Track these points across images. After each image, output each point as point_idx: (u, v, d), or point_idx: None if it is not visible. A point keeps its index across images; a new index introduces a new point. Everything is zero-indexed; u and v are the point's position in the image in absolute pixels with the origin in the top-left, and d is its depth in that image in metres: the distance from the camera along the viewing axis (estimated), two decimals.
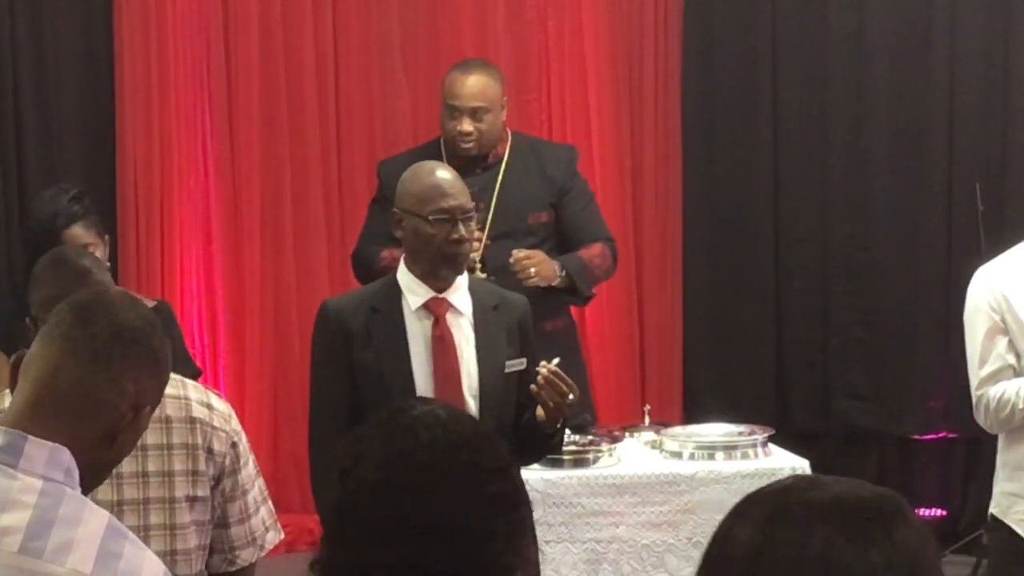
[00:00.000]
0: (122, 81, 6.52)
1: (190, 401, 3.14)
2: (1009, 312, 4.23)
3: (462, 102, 5.45)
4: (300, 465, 6.37)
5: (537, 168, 5.58)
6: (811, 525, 1.61)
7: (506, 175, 5.52)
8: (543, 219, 5.49)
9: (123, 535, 2.14)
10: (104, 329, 2.25)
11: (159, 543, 3.06)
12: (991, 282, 4.29)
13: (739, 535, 1.64)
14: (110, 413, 2.23)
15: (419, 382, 3.91)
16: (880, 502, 1.64)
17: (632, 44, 7.00)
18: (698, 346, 7.10)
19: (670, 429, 5.37)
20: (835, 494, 1.64)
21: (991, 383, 4.24)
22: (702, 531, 4.91)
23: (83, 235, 4.64)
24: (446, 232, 3.91)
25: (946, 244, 6.83)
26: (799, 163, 7.02)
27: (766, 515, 1.64)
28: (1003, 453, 4.35)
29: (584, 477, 4.93)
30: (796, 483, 1.69)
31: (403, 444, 2.13)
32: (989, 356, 4.25)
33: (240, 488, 3.17)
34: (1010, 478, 4.30)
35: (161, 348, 2.33)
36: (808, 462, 5.00)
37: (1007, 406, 4.21)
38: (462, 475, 2.11)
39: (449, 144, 5.49)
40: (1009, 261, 4.34)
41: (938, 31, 6.82)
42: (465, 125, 5.43)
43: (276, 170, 6.75)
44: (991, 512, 4.35)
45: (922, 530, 1.64)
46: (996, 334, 4.25)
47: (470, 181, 5.37)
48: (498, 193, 5.48)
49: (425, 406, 2.23)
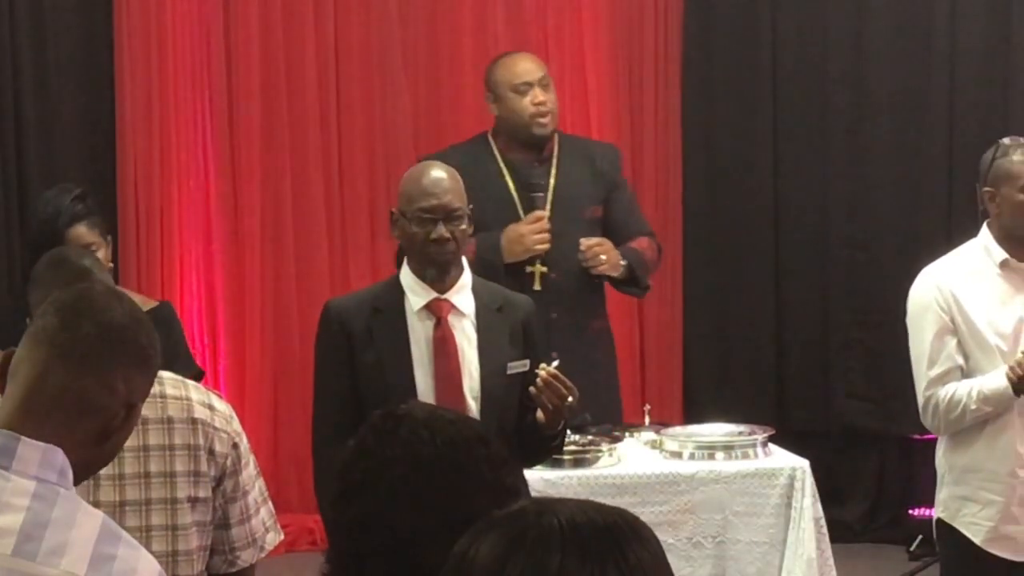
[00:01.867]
0: (122, 81, 6.52)
1: (192, 402, 3.14)
2: (959, 312, 4.22)
3: (530, 75, 5.54)
4: (300, 465, 6.38)
5: (588, 164, 5.64)
6: (546, 551, 1.60)
7: (560, 168, 5.57)
8: (597, 213, 5.55)
9: (117, 536, 2.13)
10: (90, 330, 2.22)
11: (161, 544, 3.06)
12: (939, 281, 4.28)
13: (476, 559, 1.63)
14: (103, 413, 2.22)
15: (420, 383, 3.91)
16: (612, 523, 1.65)
17: (632, 43, 7.00)
18: (698, 346, 7.10)
19: (670, 429, 5.37)
20: (568, 517, 1.64)
21: (940, 384, 4.24)
22: (702, 531, 4.92)
23: (86, 235, 4.64)
24: (426, 231, 3.90)
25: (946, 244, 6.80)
26: (799, 163, 7.02)
27: (503, 541, 1.63)
28: (948, 456, 4.34)
29: (584, 477, 4.93)
30: (528, 508, 1.68)
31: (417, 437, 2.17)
32: (939, 357, 4.25)
33: (241, 489, 3.17)
34: (957, 481, 4.29)
35: (149, 344, 2.30)
36: (808, 462, 5.00)
37: (958, 407, 4.20)
38: (481, 467, 2.16)
39: (523, 126, 5.52)
40: (956, 260, 4.34)
41: (938, 31, 6.82)
42: (540, 95, 5.50)
43: (276, 170, 6.76)
44: (938, 517, 4.34)
45: (656, 548, 1.66)
46: (945, 334, 4.24)
47: (530, 172, 5.43)
48: (553, 188, 5.52)
49: (424, 409, 2.27)
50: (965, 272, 4.28)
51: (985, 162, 4.35)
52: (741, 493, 4.94)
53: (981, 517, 4.24)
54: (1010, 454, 4.24)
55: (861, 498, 7.04)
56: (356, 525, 2.16)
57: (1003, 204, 4.29)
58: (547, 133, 5.54)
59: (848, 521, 6.89)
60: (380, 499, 2.15)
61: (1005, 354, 4.21)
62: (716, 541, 4.93)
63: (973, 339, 4.23)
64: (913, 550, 6.65)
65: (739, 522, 4.92)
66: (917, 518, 6.81)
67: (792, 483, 4.92)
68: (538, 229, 5.38)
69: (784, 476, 4.94)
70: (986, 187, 4.33)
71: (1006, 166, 4.29)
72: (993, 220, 4.34)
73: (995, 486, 4.24)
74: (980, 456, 4.26)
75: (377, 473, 2.16)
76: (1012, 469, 4.24)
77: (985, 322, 4.24)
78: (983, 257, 4.31)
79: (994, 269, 4.29)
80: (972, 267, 4.30)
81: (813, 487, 4.94)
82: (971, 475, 4.27)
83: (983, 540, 4.25)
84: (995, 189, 4.30)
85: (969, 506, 4.26)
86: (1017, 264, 4.29)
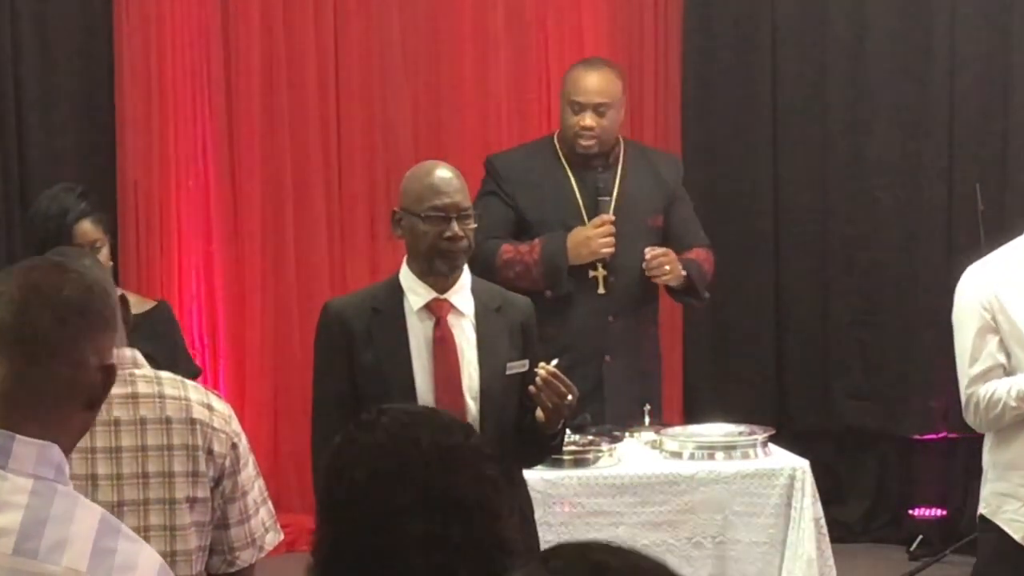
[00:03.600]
0: (122, 81, 6.52)
1: (190, 402, 3.13)
2: (1001, 311, 4.22)
3: (586, 97, 5.51)
4: (300, 465, 6.37)
5: (651, 173, 5.67)
6: None
7: (624, 177, 5.59)
8: (659, 222, 5.58)
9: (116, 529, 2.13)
10: (48, 320, 2.17)
11: (159, 544, 3.06)
12: (983, 280, 4.28)
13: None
14: (83, 389, 2.21)
15: (419, 383, 3.91)
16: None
17: (632, 44, 7.00)
18: (698, 346, 7.10)
19: (670, 429, 5.37)
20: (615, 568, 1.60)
21: (981, 382, 4.24)
22: (702, 531, 4.92)
23: (92, 231, 4.65)
24: (439, 230, 3.90)
25: (946, 244, 6.83)
26: (799, 163, 7.02)
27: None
28: (991, 453, 4.34)
29: (584, 477, 4.92)
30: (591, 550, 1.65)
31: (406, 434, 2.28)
32: (980, 355, 4.25)
33: (240, 489, 3.17)
34: (1000, 478, 4.29)
35: (105, 306, 2.26)
36: (808, 462, 5.00)
37: (998, 404, 4.20)
38: (469, 457, 2.25)
39: (568, 141, 5.55)
40: (1000, 259, 4.33)
41: (938, 31, 6.82)
42: (588, 120, 5.49)
43: (276, 170, 6.76)
44: (980, 512, 4.35)
45: None
46: (987, 333, 4.24)
47: (593, 176, 5.45)
48: (617, 194, 5.53)
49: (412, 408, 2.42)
50: (1007, 271, 4.28)
51: None
52: (741, 493, 4.93)
53: (1022, 514, 4.25)
54: None
55: (861, 498, 7.04)
56: (342, 504, 2.26)
57: None
58: (591, 152, 5.53)
59: (848, 521, 6.89)
60: (364, 477, 2.24)
61: None
62: (716, 541, 4.92)
63: (1015, 338, 4.22)
64: (913, 550, 6.65)
65: (739, 522, 4.92)
66: (917, 518, 6.81)
67: (792, 483, 4.92)
68: (604, 233, 5.40)
69: (784, 476, 4.94)
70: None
71: None
72: None
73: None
74: (1021, 453, 4.26)
75: (362, 454, 2.28)
76: None
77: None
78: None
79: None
80: (1013, 266, 4.29)
81: (813, 487, 4.94)
82: (1013, 472, 4.26)
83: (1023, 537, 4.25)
84: None
85: (1010, 503, 4.26)
86: None
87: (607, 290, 5.45)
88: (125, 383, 3.09)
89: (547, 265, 5.38)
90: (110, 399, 3.04)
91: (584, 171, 5.55)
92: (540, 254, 5.39)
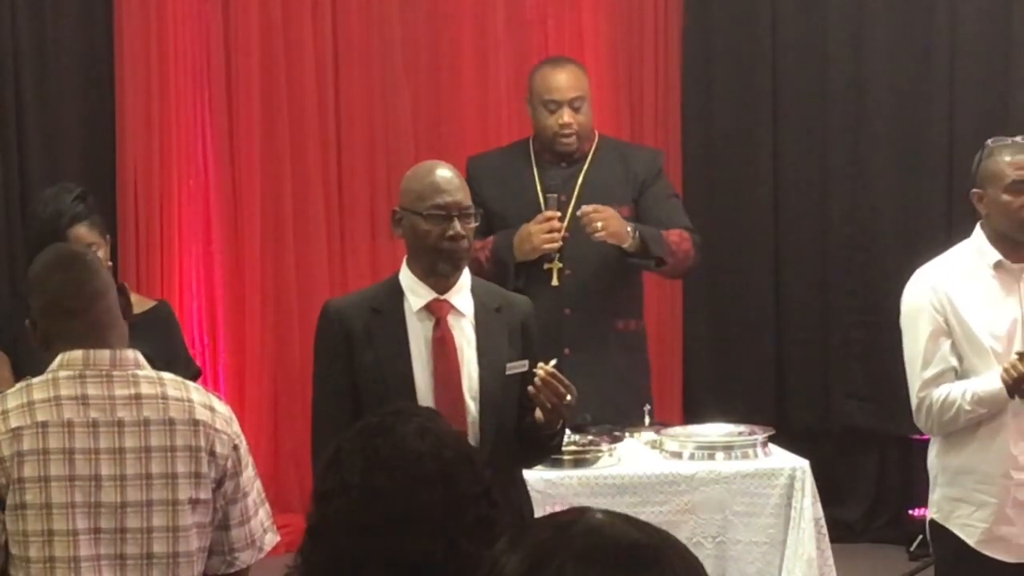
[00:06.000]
0: (122, 81, 6.52)
1: (193, 404, 3.14)
2: (953, 314, 4.22)
3: (561, 94, 5.53)
4: (300, 465, 6.38)
5: (621, 166, 5.65)
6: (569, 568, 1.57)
7: (589, 170, 5.60)
8: (624, 213, 5.53)
9: None
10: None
11: (162, 545, 3.06)
12: (934, 283, 4.28)
13: (505, 566, 1.60)
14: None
15: (419, 384, 3.91)
16: (640, 549, 1.62)
17: (632, 44, 7.00)
18: (698, 346, 7.10)
19: (670, 429, 5.37)
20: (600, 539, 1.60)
21: (934, 385, 4.24)
22: (702, 531, 4.92)
23: (87, 235, 4.64)
24: (442, 229, 3.90)
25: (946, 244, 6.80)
26: (799, 163, 7.02)
27: (533, 553, 1.59)
28: (940, 458, 4.34)
29: (584, 477, 4.92)
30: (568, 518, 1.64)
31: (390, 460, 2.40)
32: (933, 358, 4.25)
33: (241, 491, 3.18)
34: (951, 483, 4.29)
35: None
36: (808, 462, 5.00)
37: (952, 408, 4.20)
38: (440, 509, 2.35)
39: (547, 141, 5.56)
40: (950, 261, 4.34)
41: (938, 31, 6.82)
42: (566, 117, 5.51)
43: (276, 170, 6.76)
44: (931, 518, 4.34)
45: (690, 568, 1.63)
46: (940, 336, 4.24)
47: (553, 173, 5.45)
48: (580, 187, 5.55)
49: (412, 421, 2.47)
50: (959, 273, 4.28)
51: (974, 164, 4.36)
52: (741, 493, 4.94)
53: (975, 519, 4.25)
54: (1004, 456, 4.24)
55: (861, 498, 7.04)
56: (334, 491, 2.39)
57: (990, 205, 4.30)
58: (572, 149, 5.55)
59: (848, 521, 6.89)
60: (356, 464, 2.39)
61: (999, 356, 4.21)
62: (716, 541, 4.93)
63: (967, 341, 4.23)
64: (913, 550, 6.65)
65: (739, 522, 4.92)
66: (917, 518, 6.80)
67: (792, 483, 4.92)
68: (546, 229, 5.40)
69: (784, 476, 4.94)
70: (975, 188, 4.34)
71: (991, 167, 4.30)
72: (985, 221, 4.35)
73: (989, 488, 4.24)
74: (974, 458, 4.26)
75: (356, 444, 2.42)
76: (1006, 471, 4.24)
77: (979, 324, 4.24)
78: (976, 258, 4.31)
79: (987, 270, 4.29)
80: (966, 268, 4.30)
81: (813, 487, 4.94)
82: (965, 477, 4.26)
83: (977, 542, 4.25)
84: (983, 190, 4.32)
85: (963, 507, 4.26)
86: (1011, 265, 4.29)
87: (561, 283, 5.44)
88: (128, 384, 3.09)
89: (495, 261, 5.42)
90: (113, 400, 3.07)
91: (548, 168, 5.57)
92: (491, 251, 5.43)
